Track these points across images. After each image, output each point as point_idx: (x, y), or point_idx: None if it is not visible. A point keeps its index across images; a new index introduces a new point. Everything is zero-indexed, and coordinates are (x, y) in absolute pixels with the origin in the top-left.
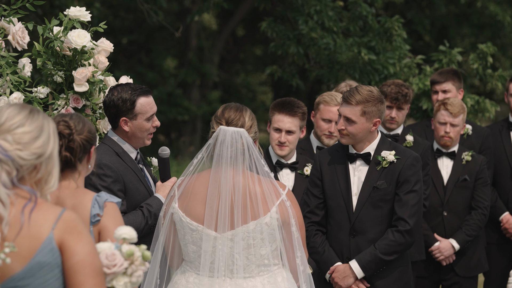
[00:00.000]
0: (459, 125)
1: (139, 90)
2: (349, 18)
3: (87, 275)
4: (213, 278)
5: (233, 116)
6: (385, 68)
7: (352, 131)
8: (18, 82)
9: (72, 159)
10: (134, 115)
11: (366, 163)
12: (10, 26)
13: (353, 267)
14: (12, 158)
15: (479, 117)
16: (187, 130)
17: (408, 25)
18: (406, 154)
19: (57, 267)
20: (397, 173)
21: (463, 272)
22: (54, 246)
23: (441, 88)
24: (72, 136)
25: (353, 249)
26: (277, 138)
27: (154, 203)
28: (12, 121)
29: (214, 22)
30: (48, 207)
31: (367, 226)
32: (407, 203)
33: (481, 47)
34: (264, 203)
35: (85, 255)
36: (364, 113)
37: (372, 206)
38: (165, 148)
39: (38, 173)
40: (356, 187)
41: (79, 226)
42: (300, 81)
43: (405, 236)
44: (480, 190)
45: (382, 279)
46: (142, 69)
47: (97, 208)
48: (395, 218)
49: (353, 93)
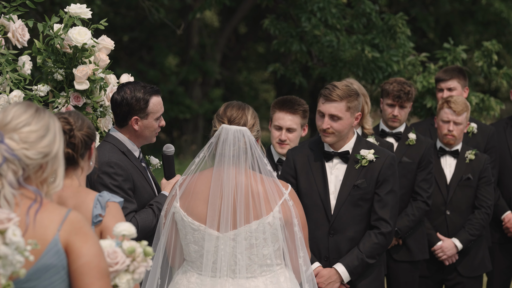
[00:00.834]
0: (462, 124)
1: (151, 89)
2: (353, 15)
3: (93, 277)
4: (215, 278)
5: (235, 114)
6: (389, 66)
7: (338, 128)
8: (18, 80)
9: (74, 155)
10: (146, 114)
11: (344, 162)
12: (10, 23)
13: (341, 271)
14: (18, 158)
15: (483, 115)
16: (189, 129)
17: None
18: (384, 154)
19: (63, 269)
20: (377, 173)
21: (466, 272)
22: (60, 248)
23: (446, 86)
24: (73, 132)
25: (332, 248)
26: (278, 136)
27: (163, 200)
28: (18, 120)
29: (216, 19)
30: (53, 208)
31: (346, 225)
32: (387, 204)
33: (486, 45)
34: (267, 202)
35: (91, 257)
36: (348, 108)
37: (352, 205)
38: (170, 146)
39: (44, 173)
40: (333, 186)
41: (85, 227)
42: (303, 79)
43: (387, 238)
44: (483, 189)
45: (361, 280)
46: (143, 67)
47: (99, 208)
48: (375, 218)
49: (333, 89)
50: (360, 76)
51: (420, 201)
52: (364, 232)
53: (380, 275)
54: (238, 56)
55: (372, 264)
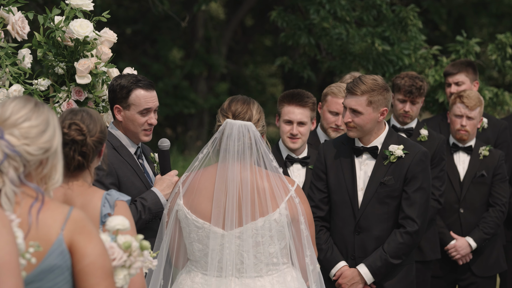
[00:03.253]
0: (475, 118)
1: (140, 82)
2: (363, 7)
3: (99, 278)
4: (221, 278)
5: (240, 109)
6: (400, 59)
7: (359, 122)
8: (17, 74)
9: (85, 163)
10: (127, 105)
11: (373, 157)
12: (10, 15)
13: (363, 272)
14: (19, 154)
15: (497, 110)
16: (194, 124)
17: (424, 15)
18: (415, 149)
19: (67, 270)
20: (405, 169)
21: (481, 272)
22: (64, 248)
23: (453, 80)
24: (85, 141)
25: (358, 247)
26: (289, 131)
27: (149, 197)
28: (18, 115)
29: (221, 11)
30: (55, 206)
31: (372, 223)
32: (415, 202)
33: (500, 37)
34: (273, 199)
35: (96, 256)
36: (370, 102)
37: (378, 203)
38: (165, 140)
39: (44, 169)
40: (362, 182)
41: (89, 225)
42: (311, 73)
43: (413, 237)
44: (498, 186)
45: (388, 279)
46: (147, 61)
47: (108, 207)
48: (402, 216)
49: (357, 83)
50: (370, 70)
51: (432, 199)
52: (391, 231)
53: (409, 274)
54: (245, 49)
55: (399, 263)
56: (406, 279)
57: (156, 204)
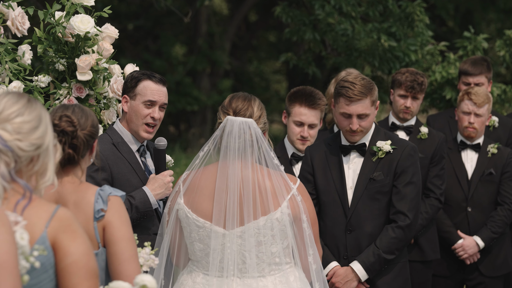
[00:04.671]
0: (483, 116)
1: (151, 75)
2: (368, 2)
3: (81, 277)
4: (222, 278)
5: (241, 105)
6: (407, 56)
7: (366, 125)
8: (17, 70)
9: (75, 156)
10: (134, 95)
11: (361, 155)
12: (9, 11)
13: (356, 269)
14: (11, 149)
15: (506, 107)
16: (197, 121)
17: (430, 10)
18: (403, 144)
19: (51, 268)
20: (395, 164)
21: (488, 272)
22: (48, 245)
23: (474, 81)
24: (76, 133)
25: (350, 246)
26: (299, 133)
27: (138, 195)
28: (10, 110)
29: (225, 6)
30: (41, 204)
31: (364, 220)
32: (406, 196)
33: (508, 33)
34: (275, 197)
35: (79, 256)
36: (373, 102)
37: (369, 199)
38: (162, 139)
39: (34, 166)
40: (351, 181)
41: (74, 224)
42: (316, 69)
43: (405, 231)
44: (506, 184)
45: (382, 277)
46: (149, 57)
47: (101, 203)
48: (393, 211)
49: (353, 87)
50: (376, 66)
51: (433, 198)
52: (383, 228)
53: (404, 271)
54: (248, 45)
55: (392, 260)
56: (401, 277)
57: (144, 203)
